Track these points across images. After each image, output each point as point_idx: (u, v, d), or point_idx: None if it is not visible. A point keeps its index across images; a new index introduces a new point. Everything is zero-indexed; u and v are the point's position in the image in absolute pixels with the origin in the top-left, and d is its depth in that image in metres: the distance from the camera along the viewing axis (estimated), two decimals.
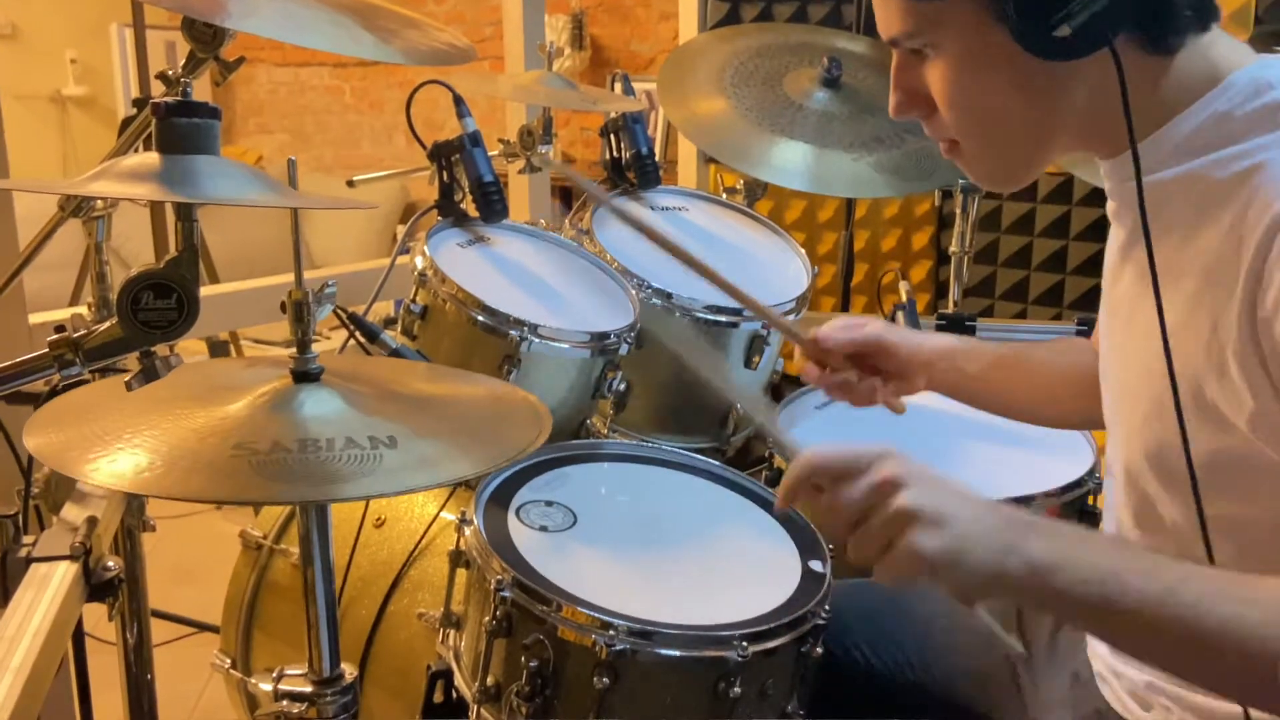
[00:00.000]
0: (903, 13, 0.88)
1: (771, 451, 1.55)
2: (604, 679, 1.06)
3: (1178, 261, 0.85)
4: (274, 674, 1.09)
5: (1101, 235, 1.00)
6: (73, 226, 1.50)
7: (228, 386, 1.02)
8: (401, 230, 1.86)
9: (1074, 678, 1.08)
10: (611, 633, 1.05)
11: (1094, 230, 2.59)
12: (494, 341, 1.41)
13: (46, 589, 1.00)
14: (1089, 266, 2.61)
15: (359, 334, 1.36)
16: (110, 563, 1.09)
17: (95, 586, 1.06)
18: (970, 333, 1.96)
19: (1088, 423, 1.17)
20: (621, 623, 1.06)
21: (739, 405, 1.61)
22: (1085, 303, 2.58)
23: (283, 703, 1.07)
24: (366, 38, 1.33)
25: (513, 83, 2.14)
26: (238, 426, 0.94)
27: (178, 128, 0.89)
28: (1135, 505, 0.95)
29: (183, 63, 1.35)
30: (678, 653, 1.07)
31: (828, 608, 1.14)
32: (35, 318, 1.70)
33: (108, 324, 0.94)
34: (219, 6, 1.27)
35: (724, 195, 1.98)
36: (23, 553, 1.05)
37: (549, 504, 1.26)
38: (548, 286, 1.57)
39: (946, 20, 0.86)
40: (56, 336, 0.96)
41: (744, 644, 1.07)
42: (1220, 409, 0.82)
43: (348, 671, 1.10)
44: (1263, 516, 0.84)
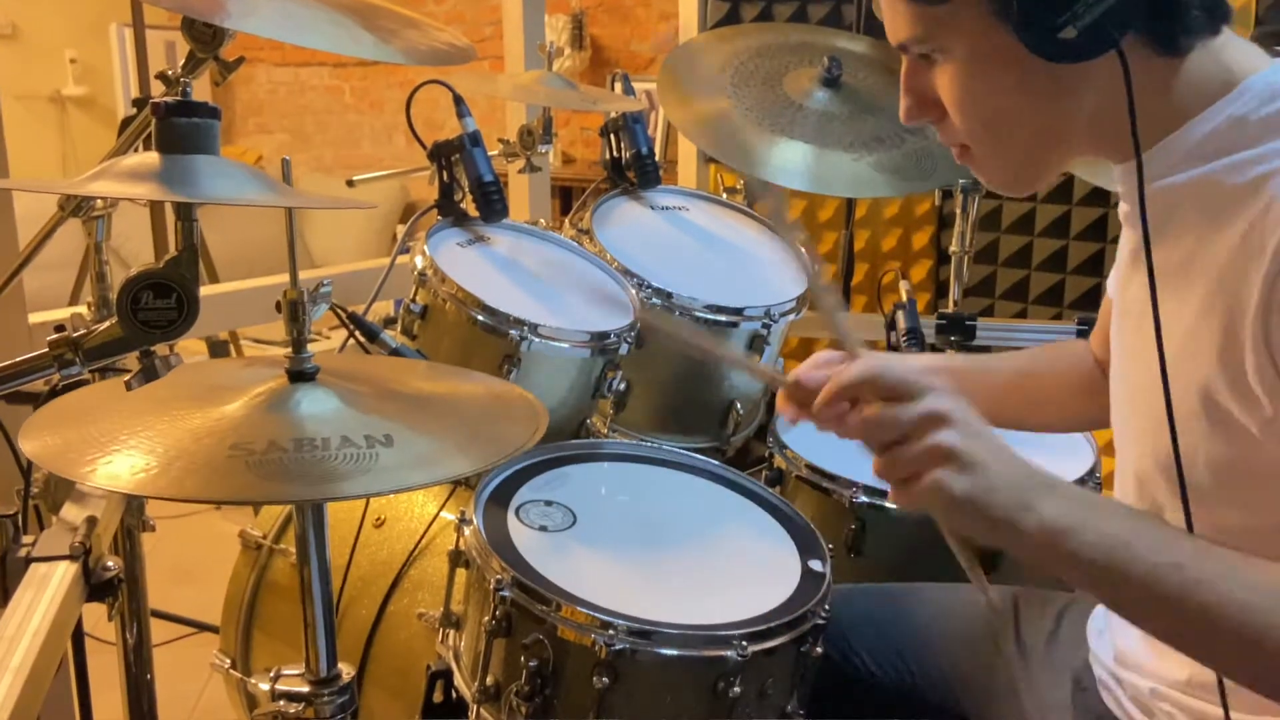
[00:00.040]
0: (910, 18, 0.88)
1: (771, 451, 1.55)
2: (604, 678, 1.06)
3: (1190, 266, 0.84)
4: (271, 674, 1.08)
5: (1102, 235, 1.00)
6: (72, 226, 1.50)
7: (224, 387, 1.01)
8: (401, 230, 1.86)
9: (1075, 684, 1.07)
10: (611, 632, 1.05)
11: (1094, 230, 2.59)
12: (494, 341, 1.41)
13: (46, 589, 1.00)
14: (1089, 266, 2.60)
15: (359, 333, 1.36)
16: (110, 562, 1.09)
17: (95, 586, 1.06)
18: (970, 333, 1.95)
19: (1093, 424, 1.17)
20: (621, 622, 1.06)
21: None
22: (1085, 302, 2.57)
23: (280, 703, 1.07)
24: (366, 38, 1.33)
25: (513, 83, 2.14)
26: (234, 427, 0.94)
27: (177, 127, 0.89)
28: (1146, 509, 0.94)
29: (182, 63, 1.35)
30: (677, 652, 1.07)
31: (827, 607, 1.14)
32: (35, 317, 1.69)
33: (107, 324, 0.94)
34: (219, 6, 1.27)
35: (724, 195, 1.98)
36: (22, 553, 1.06)
37: (549, 504, 1.26)
38: (548, 286, 1.57)
39: (954, 24, 0.86)
40: (56, 336, 0.96)
41: (744, 643, 1.07)
42: (1234, 415, 0.82)
43: (345, 671, 1.10)
44: (1273, 527, 0.83)
